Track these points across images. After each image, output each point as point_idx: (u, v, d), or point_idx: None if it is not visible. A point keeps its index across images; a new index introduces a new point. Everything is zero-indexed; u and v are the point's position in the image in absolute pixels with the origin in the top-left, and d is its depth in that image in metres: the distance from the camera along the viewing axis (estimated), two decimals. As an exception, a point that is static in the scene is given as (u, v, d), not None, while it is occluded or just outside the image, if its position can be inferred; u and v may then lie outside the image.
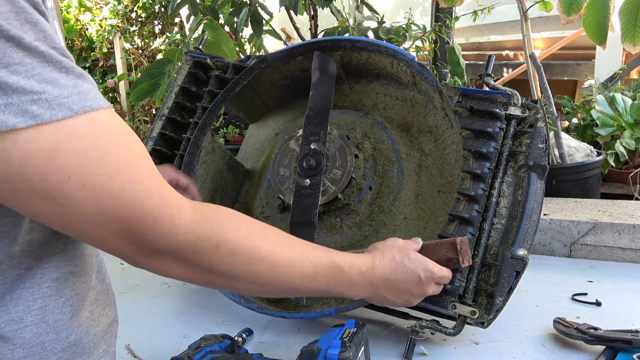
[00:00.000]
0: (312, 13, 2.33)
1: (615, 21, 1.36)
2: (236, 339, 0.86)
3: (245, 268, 0.54)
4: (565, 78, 3.46)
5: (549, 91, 1.68)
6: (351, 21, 2.38)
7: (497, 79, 3.09)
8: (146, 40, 4.69)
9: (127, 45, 4.64)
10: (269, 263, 0.56)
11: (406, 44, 2.12)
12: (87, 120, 0.41)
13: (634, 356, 0.76)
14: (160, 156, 1.20)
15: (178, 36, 4.42)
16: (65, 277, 0.51)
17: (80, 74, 0.42)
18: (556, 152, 1.67)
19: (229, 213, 0.58)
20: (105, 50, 4.72)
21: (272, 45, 3.85)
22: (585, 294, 1.06)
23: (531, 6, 1.72)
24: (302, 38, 2.42)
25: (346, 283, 0.66)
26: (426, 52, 2.19)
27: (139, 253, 0.47)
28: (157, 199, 0.46)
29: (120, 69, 4.51)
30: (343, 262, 0.65)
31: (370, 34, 2.18)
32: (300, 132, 1.11)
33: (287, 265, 0.58)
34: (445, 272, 0.77)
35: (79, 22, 4.73)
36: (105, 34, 4.61)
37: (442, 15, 2.29)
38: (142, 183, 0.45)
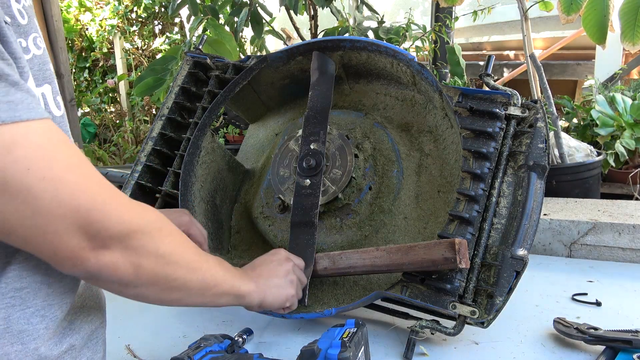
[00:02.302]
0: (312, 13, 2.33)
1: (615, 21, 1.36)
2: (236, 339, 0.86)
3: (182, 248, 0.59)
4: (565, 78, 3.46)
5: (549, 91, 1.68)
6: (351, 21, 2.38)
7: (497, 79, 3.09)
8: (146, 40, 4.69)
9: (127, 45, 4.64)
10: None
11: (406, 44, 2.12)
12: (18, 131, 0.42)
13: (634, 356, 0.76)
14: (160, 156, 1.20)
15: (178, 36, 4.42)
16: (34, 287, 0.50)
17: (15, 82, 0.42)
18: (556, 152, 1.67)
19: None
20: (105, 50, 4.72)
21: (272, 45, 3.85)
22: (585, 294, 1.06)
23: (531, 6, 1.72)
24: (302, 38, 2.42)
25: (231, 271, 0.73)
26: (426, 52, 2.20)
27: (91, 247, 0.48)
28: (110, 191, 0.49)
29: (120, 69, 4.51)
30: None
31: (370, 34, 2.18)
32: (300, 132, 1.11)
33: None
34: (298, 259, 0.91)
35: (79, 22, 4.73)
36: (106, 34, 4.61)
37: (442, 15, 2.29)
38: (95, 177, 0.48)
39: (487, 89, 1.00)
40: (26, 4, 0.50)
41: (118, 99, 4.59)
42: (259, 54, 2.22)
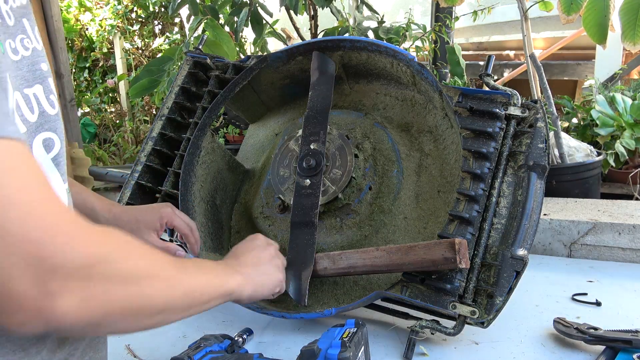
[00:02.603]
0: (312, 13, 2.33)
1: (615, 21, 1.36)
2: (236, 339, 0.86)
3: (157, 267, 0.53)
4: (565, 78, 3.46)
5: (549, 91, 1.68)
6: (351, 21, 2.38)
7: (497, 79, 3.09)
8: (146, 40, 4.69)
9: (127, 45, 4.64)
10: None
11: (406, 44, 2.12)
12: None
13: (634, 356, 0.76)
14: (160, 156, 1.20)
15: (178, 36, 4.42)
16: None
17: None
18: (556, 152, 1.67)
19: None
20: (105, 50, 4.72)
21: (273, 45, 3.85)
22: (585, 294, 1.06)
23: (531, 6, 1.72)
24: (302, 38, 2.42)
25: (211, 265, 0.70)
26: (426, 52, 2.19)
27: (46, 288, 0.39)
28: (66, 218, 0.42)
29: (120, 69, 4.51)
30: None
31: (370, 34, 2.18)
32: (300, 132, 1.11)
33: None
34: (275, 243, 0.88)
35: (79, 22, 4.73)
36: (105, 34, 4.61)
37: (442, 15, 2.29)
38: (52, 203, 0.41)
39: (487, 89, 1.00)
40: (14, 5, 0.49)
41: (118, 99, 4.59)
42: (259, 54, 2.22)
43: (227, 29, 2.15)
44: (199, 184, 1.14)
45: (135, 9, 4.57)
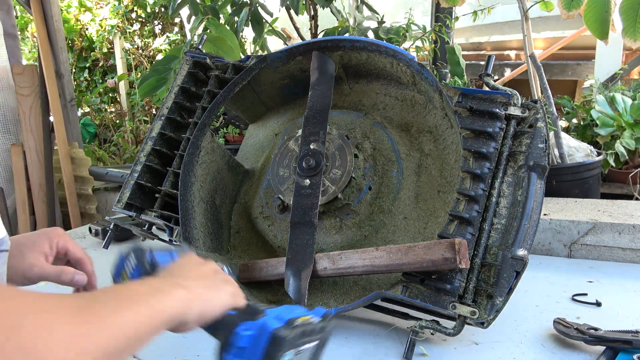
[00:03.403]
0: (312, 13, 2.33)
1: (616, 20, 1.36)
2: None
3: (58, 323, 0.39)
4: (565, 78, 3.46)
5: (549, 91, 1.68)
6: (351, 21, 2.37)
7: (498, 79, 3.09)
8: (146, 40, 4.69)
9: (127, 45, 4.64)
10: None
11: (406, 44, 2.12)
12: None
13: (634, 357, 0.75)
14: (159, 156, 1.20)
15: (178, 36, 4.42)
16: None
17: None
18: (556, 152, 1.67)
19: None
20: (105, 50, 4.72)
21: (273, 45, 3.85)
22: (585, 294, 1.06)
23: (531, 6, 1.72)
24: (302, 38, 2.42)
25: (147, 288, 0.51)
26: (426, 52, 2.19)
27: None
28: None
29: (120, 69, 4.51)
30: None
31: (370, 34, 2.18)
32: (300, 132, 1.11)
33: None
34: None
35: (79, 22, 4.73)
36: (106, 34, 4.61)
37: (442, 15, 2.29)
38: None
39: (487, 89, 1.00)
40: None
41: (118, 99, 4.59)
42: (259, 53, 2.22)
43: (227, 28, 2.15)
44: (198, 184, 1.14)
45: (135, 9, 4.57)
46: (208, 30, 1.98)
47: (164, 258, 0.64)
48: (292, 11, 2.24)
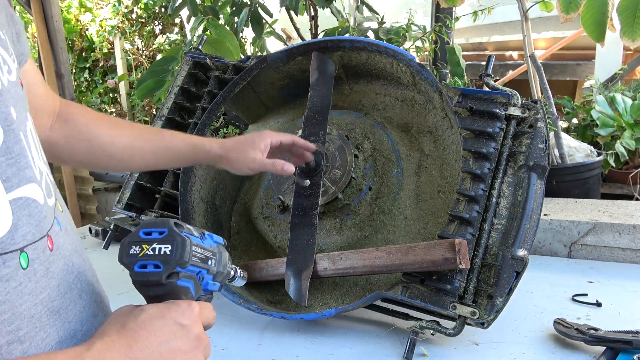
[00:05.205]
0: (312, 13, 2.33)
1: (615, 21, 1.36)
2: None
3: None
4: (565, 78, 3.46)
5: (549, 91, 1.68)
6: (351, 21, 2.37)
7: (498, 80, 3.09)
8: (146, 41, 4.69)
9: (128, 46, 4.64)
10: None
11: (406, 45, 2.12)
12: None
13: (635, 357, 0.75)
14: (160, 156, 1.20)
15: (178, 36, 4.42)
16: None
17: None
18: (556, 152, 1.67)
19: None
20: (105, 50, 4.72)
21: (273, 45, 3.85)
22: (586, 294, 1.06)
23: (531, 6, 1.72)
24: (302, 38, 2.42)
25: None
26: (426, 53, 2.19)
27: None
28: None
29: (120, 69, 4.51)
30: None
31: (371, 35, 2.18)
32: (300, 132, 1.11)
33: None
34: (209, 310, 0.52)
35: (79, 23, 4.73)
36: (106, 34, 4.61)
37: (442, 16, 2.29)
38: None
39: (487, 89, 1.00)
40: None
41: (118, 99, 4.59)
42: (259, 54, 2.22)
43: (227, 29, 2.15)
44: (198, 185, 1.14)
45: (135, 9, 4.57)
46: (208, 31, 1.98)
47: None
48: (292, 12, 2.24)
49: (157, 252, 0.47)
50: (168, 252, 0.47)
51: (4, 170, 0.42)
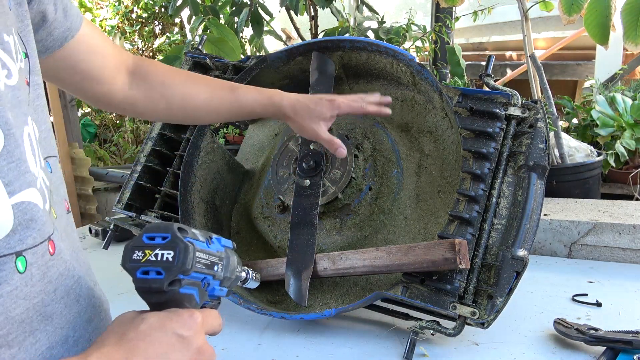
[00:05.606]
0: (312, 13, 2.33)
1: (616, 21, 1.36)
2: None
3: None
4: (565, 78, 3.46)
5: (549, 91, 1.68)
6: (351, 21, 2.38)
7: (498, 80, 3.09)
8: (146, 41, 4.69)
9: (128, 46, 4.64)
10: None
11: (406, 45, 2.12)
12: None
13: (635, 357, 0.75)
14: (159, 156, 1.20)
15: (179, 36, 4.42)
16: None
17: None
18: (556, 152, 1.67)
19: None
20: (105, 50, 4.72)
21: (272, 45, 3.85)
22: (586, 294, 1.06)
23: (531, 6, 1.72)
24: (302, 38, 2.42)
25: None
26: (426, 53, 2.20)
27: None
28: None
29: (120, 70, 4.50)
30: None
31: (371, 34, 2.18)
32: (300, 132, 1.11)
33: None
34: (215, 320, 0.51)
35: (79, 23, 4.72)
36: (106, 34, 4.61)
37: (442, 16, 2.29)
38: None
39: (487, 89, 1.00)
40: None
41: (118, 99, 4.59)
42: (258, 54, 2.22)
43: (228, 28, 2.15)
44: (198, 185, 1.14)
45: (135, 9, 4.57)
46: (208, 31, 1.98)
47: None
48: (292, 12, 2.24)
49: (159, 259, 0.46)
50: (170, 259, 0.46)
51: (5, 174, 0.41)
